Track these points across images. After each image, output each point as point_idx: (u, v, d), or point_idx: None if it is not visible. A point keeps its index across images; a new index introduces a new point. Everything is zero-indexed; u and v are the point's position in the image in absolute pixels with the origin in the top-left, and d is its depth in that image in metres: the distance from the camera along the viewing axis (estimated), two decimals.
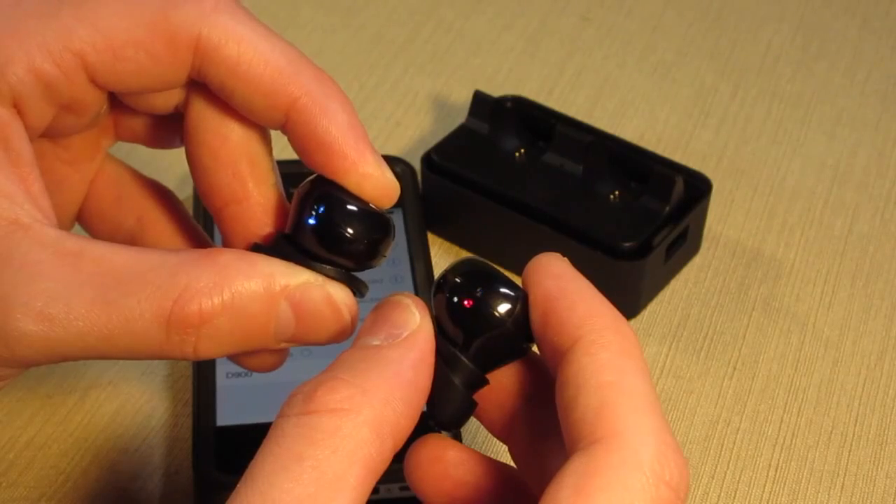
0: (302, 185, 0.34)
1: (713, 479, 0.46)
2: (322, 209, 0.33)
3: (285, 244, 0.34)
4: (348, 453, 0.28)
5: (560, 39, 0.68)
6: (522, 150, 0.55)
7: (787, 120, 0.63)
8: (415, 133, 0.61)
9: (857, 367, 0.51)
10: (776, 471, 0.47)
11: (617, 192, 0.53)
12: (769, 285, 0.54)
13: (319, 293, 0.33)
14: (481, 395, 0.33)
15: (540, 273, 0.32)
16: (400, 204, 0.54)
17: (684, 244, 0.53)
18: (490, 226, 0.53)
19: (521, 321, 0.31)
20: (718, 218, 0.57)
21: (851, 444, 0.48)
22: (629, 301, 0.52)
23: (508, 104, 0.56)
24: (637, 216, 0.51)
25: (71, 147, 0.38)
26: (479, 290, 0.32)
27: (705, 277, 0.54)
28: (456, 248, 0.55)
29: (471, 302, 0.32)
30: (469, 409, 0.32)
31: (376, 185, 0.34)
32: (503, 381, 0.33)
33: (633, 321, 0.52)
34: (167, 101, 0.36)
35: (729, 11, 0.70)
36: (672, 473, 0.28)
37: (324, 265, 0.33)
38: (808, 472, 0.47)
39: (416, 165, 0.55)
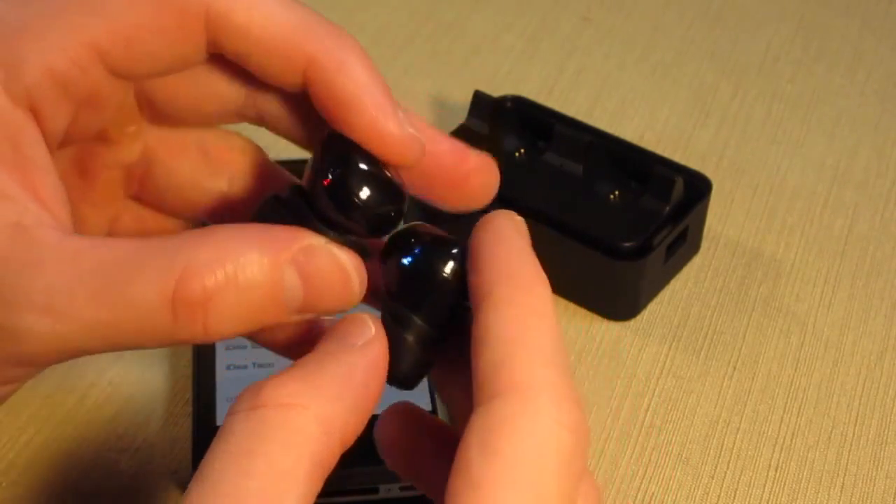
0: (323, 137, 0.33)
1: (713, 479, 0.46)
2: (335, 170, 0.32)
3: (298, 198, 0.33)
4: (297, 448, 0.29)
5: (560, 39, 0.68)
6: (522, 150, 0.55)
7: (787, 120, 0.63)
8: None
9: (857, 367, 0.51)
10: (776, 471, 0.47)
11: (617, 192, 0.53)
12: (769, 285, 0.54)
13: (324, 255, 0.32)
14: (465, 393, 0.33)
15: (478, 229, 0.32)
16: None
17: (684, 244, 0.53)
18: None
19: (464, 278, 0.32)
20: (718, 218, 0.57)
21: (851, 444, 0.48)
22: (629, 301, 0.52)
23: (508, 104, 0.56)
24: (637, 216, 0.51)
25: (95, 187, 0.38)
26: (420, 250, 0.32)
27: (705, 277, 0.54)
28: None
29: (414, 262, 0.32)
30: (425, 366, 0.33)
31: (395, 143, 0.33)
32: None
33: (633, 321, 0.52)
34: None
35: (729, 11, 0.70)
36: (570, 418, 0.28)
37: (329, 230, 0.33)
38: (808, 472, 0.47)
39: None
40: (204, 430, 0.44)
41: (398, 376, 0.33)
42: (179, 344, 0.32)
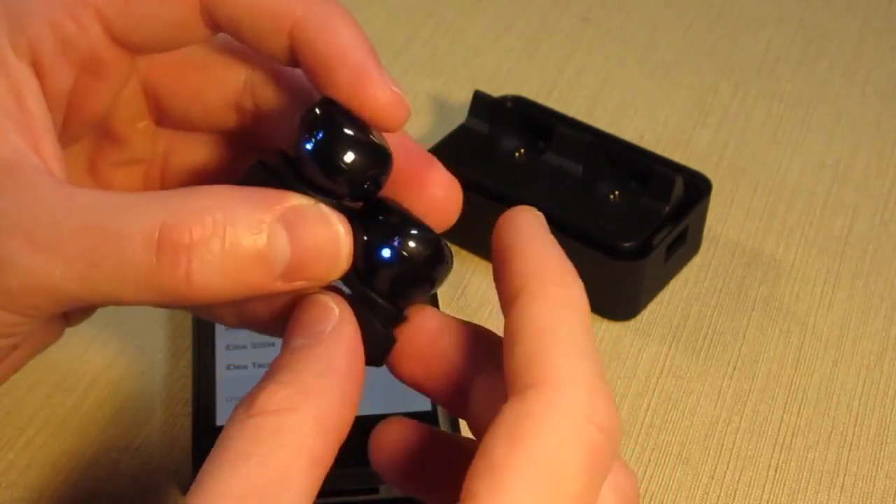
0: (310, 105, 0.33)
1: (713, 479, 0.46)
2: (319, 134, 0.32)
3: (284, 164, 0.33)
4: (293, 447, 0.29)
5: (560, 39, 0.68)
6: (522, 150, 0.55)
7: (787, 120, 0.63)
8: (415, 133, 0.61)
9: (857, 367, 0.51)
10: (776, 471, 0.47)
11: (617, 192, 0.53)
12: (769, 285, 0.54)
13: (314, 215, 0.32)
14: (433, 371, 0.33)
15: (505, 224, 0.33)
16: None
17: (684, 244, 0.53)
18: (490, 226, 0.53)
19: (427, 256, 0.32)
20: (718, 218, 0.57)
21: (851, 444, 0.48)
22: (629, 301, 0.52)
23: (508, 104, 0.56)
24: (637, 216, 0.51)
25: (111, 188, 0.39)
26: (388, 231, 0.32)
27: (705, 277, 0.54)
28: (455, 248, 0.55)
29: (381, 245, 0.32)
30: (389, 345, 0.33)
31: (378, 102, 0.33)
32: (452, 357, 0.33)
33: (632, 321, 0.52)
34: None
35: (729, 11, 0.70)
36: (603, 416, 0.28)
37: (316, 195, 0.32)
38: (808, 472, 0.47)
39: None
40: (204, 430, 0.44)
41: (367, 358, 0.33)
42: (162, 298, 0.31)
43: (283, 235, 0.31)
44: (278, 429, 0.29)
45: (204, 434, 0.44)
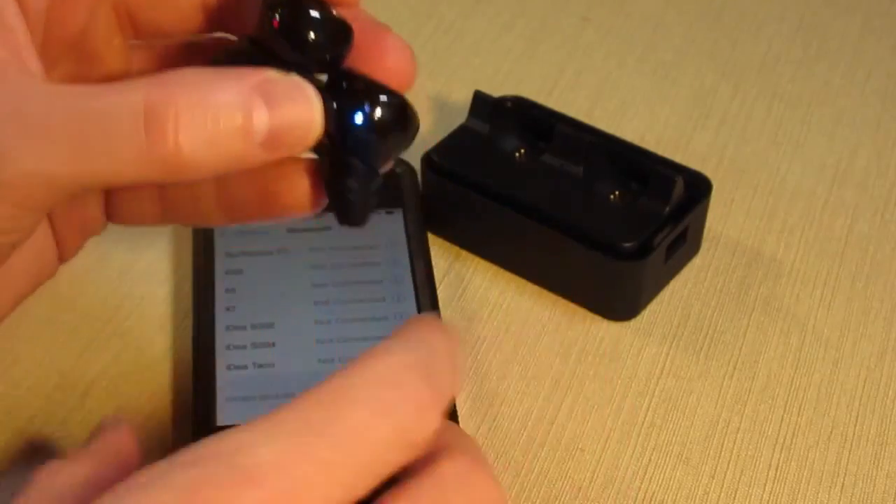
0: None
1: (713, 479, 0.46)
2: (280, 9, 0.34)
3: (250, 46, 0.35)
4: None
5: (560, 39, 0.68)
6: (522, 150, 0.55)
7: (787, 120, 0.63)
8: None
9: (857, 367, 0.51)
10: (776, 471, 0.47)
11: (617, 192, 0.53)
12: (769, 285, 0.54)
13: (287, 82, 0.34)
14: None
15: None
16: (400, 204, 0.54)
17: (684, 244, 0.53)
18: (490, 226, 0.53)
19: (395, 116, 0.34)
20: (718, 218, 0.57)
21: (851, 444, 0.48)
22: (629, 301, 0.52)
23: (508, 104, 0.56)
24: (637, 216, 0.51)
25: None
26: (359, 98, 0.34)
27: (705, 277, 0.54)
28: (456, 249, 0.55)
29: (354, 110, 0.34)
30: (369, 204, 0.35)
31: None
32: None
33: (633, 321, 0.52)
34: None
35: (729, 11, 0.70)
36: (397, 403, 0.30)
37: (286, 65, 0.34)
38: (808, 472, 0.47)
39: (417, 165, 0.55)
40: (204, 430, 0.44)
41: (349, 220, 0.35)
42: (154, 172, 0.33)
43: (261, 105, 0.33)
44: None
45: (204, 434, 0.44)
